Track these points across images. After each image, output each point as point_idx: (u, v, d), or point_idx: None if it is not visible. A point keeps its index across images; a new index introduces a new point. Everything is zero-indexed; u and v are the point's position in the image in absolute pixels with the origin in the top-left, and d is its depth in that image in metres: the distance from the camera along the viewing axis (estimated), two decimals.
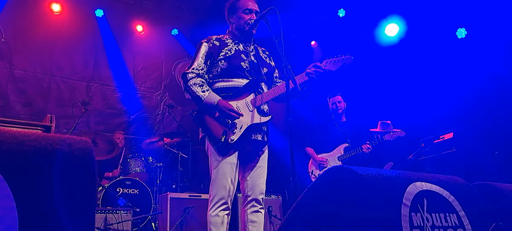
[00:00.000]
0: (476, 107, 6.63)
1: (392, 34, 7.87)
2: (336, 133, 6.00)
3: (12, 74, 7.25)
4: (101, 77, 8.13)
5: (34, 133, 1.27)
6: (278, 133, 7.73)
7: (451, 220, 2.02)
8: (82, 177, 1.27)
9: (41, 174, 1.20)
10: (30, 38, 7.47)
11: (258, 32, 3.46)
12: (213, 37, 3.36)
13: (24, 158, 1.18)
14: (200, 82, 3.15)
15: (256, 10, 3.41)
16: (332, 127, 6.08)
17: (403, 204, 1.89)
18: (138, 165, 6.67)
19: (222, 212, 3.06)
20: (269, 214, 6.08)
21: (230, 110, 3.06)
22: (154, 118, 8.60)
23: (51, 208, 1.19)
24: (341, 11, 8.30)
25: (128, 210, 5.55)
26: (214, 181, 3.12)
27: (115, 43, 8.25)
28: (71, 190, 1.24)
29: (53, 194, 1.20)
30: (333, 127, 6.07)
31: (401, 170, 2.21)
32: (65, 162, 1.24)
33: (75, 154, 1.27)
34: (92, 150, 1.33)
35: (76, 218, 1.21)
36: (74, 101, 7.19)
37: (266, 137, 3.31)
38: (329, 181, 1.93)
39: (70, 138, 1.30)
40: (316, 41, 9.39)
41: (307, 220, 1.98)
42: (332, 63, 3.41)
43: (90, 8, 7.98)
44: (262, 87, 3.33)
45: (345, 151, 5.80)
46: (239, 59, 3.27)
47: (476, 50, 6.74)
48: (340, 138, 5.94)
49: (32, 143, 1.21)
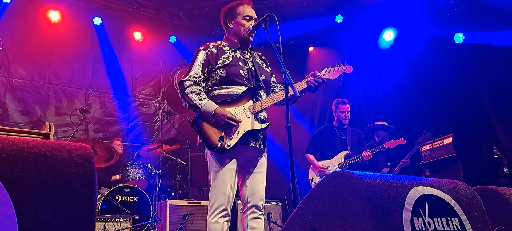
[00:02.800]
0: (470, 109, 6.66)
1: (388, 39, 7.92)
2: (337, 140, 6.02)
3: (10, 82, 7.23)
4: (100, 85, 8.11)
5: (34, 140, 1.26)
6: (277, 139, 7.73)
7: (453, 224, 2.01)
8: (82, 183, 1.26)
9: (41, 181, 1.19)
10: (28, 46, 7.45)
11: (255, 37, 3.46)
12: (211, 44, 3.34)
13: (24, 165, 1.17)
14: (197, 91, 3.13)
15: (255, 17, 3.41)
16: (332, 134, 6.09)
17: (404, 208, 1.88)
18: (137, 172, 6.64)
19: (221, 219, 3.04)
20: (268, 220, 6.06)
21: (228, 118, 3.05)
22: (153, 125, 8.58)
23: (51, 215, 1.18)
24: (339, 17, 8.33)
25: (127, 218, 5.52)
26: (213, 187, 3.10)
27: (113, 51, 8.24)
28: (71, 196, 1.23)
29: (53, 200, 1.19)
30: (334, 133, 6.08)
31: (398, 174, 2.21)
32: (65, 168, 1.23)
33: (75, 160, 1.26)
34: (92, 156, 1.32)
35: (76, 225, 1.20)
36: (72, 109, 7.19)
37: (263, 144, 3.29)
38: (331, 185, 1.92)
39: (70, 144, 1.29)
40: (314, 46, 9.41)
41: (308, 225, 1.97)
42: (331, 72, 3.45)
43: (88, 16, 7.97)
44: (261, 94, 3.32)
45: (346, 158, 5.80)
46: (237, 66, 3.25)
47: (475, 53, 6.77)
48: (341, 145, 5.95)
49: (32, 149, 1.20)
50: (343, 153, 5.87)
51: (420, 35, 7.37)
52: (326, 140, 6.10)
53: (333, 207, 1.88)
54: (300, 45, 9.32)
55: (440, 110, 7.17)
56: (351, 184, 1.83)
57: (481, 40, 6.64)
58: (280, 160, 7.81)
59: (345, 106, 6.04)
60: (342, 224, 1.81)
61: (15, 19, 7.35)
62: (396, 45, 7.90)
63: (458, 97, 6.96)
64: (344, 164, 5.78)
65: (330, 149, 6.00)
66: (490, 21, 6.50)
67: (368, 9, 7.83)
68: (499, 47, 6.35)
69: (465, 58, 6.87)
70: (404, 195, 1.92)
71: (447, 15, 7.25)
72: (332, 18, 8.36)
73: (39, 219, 1.17)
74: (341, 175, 1.90)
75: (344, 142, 5.96)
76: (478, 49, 6.68)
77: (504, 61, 6.33)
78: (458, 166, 5.88)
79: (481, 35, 6.65)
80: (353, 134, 6.05)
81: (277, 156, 7.79)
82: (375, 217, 1.74)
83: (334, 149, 5.96)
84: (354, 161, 5.74)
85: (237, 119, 3.08)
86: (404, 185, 1.96)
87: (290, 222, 2.10)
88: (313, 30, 8.64)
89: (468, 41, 6.93)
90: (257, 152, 3.26)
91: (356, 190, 1.80)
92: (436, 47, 7.18)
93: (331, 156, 5.93)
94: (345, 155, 5.84)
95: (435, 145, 6.24)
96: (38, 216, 1.17)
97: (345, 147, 5.91)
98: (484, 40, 6.59)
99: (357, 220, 1.76)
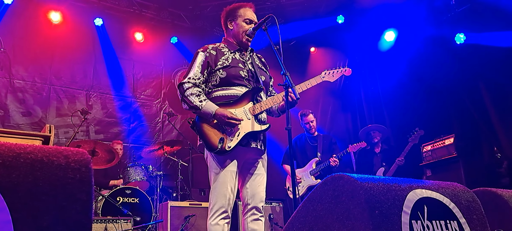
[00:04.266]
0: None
1: (390, 39, 7.93)
2: (308, 147, 6.27)
3: (11, 84, 7.24)
4: (101, 86, 8.12)
5: (31, 145, 1.26)
6: (279, 140, 7.73)
7: (452, 227, 2.01)
8: (79, 189, 1.26)
9: (38, 187, 1.19)
10: (29, 47, 7.47)
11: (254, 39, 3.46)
12: (210, 46, 3.33)
13: (20, 170, 1.17)
14: (197, 92, 3.12)
15: (256, 22, 3.40)
16: (304, 143, 6.35)
17: (403, 211, 1.87)
18: (138, 174, 6.65)
19: (222, 221, 3.04)
20: (270, 221, 6.08)
21: (229, 118, 3.04)
22: (154, 126, 8.58)
23: (48, 221, 1.18)
24: (340, 18, 8.33)
25: (128, 219, 5.53)
26: (213, 189, 3.10)
27: (114, 51, 8.25)
28: (68, 202, 1.23)
29: (50, 206, 1.19)
30: (305, 142, 6.34)
31: (397, 177, 2.20)
32: (62, 174, 1.23)
33: (72, 166, 1.26)
34: (89, 161, 1.32)
35: (73, 229, 1.20)
36: (73, 111, 7.19)
37: (264, 145, 3.29)
38: (329, 189, 1.92)
39: (67, 150, 1.29)
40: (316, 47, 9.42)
41: (307, 228, 1.97)
42: (331, 74, 3.47)
43: (89, 17, 7.99)
44: (261, 96, 3.32)
45: (317, 165, 6.02)
46: (237, 68, 3.25)
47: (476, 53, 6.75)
48: (312, 153, 6.18)
49: (29, 155, 1.20)
50: (314, 159, 6.08)
51: (421, 36, 7.37)
52: (299, 149, 6.34)
53: (332, 210, 1.88)
54: (302, 46, 9.32)
55: (442, 111, 7.16)
56: (349, 187, 1.83)
57: (482, 40, 6.63)
58: (280, 161, 7.81)
59: (308, 118, 6.28)
60: (341, 228, 1.81)
61: (16, 20, 7.36)
62: (397, 46, 7.90)
63: (459, 97, 6.95)
64: (315, 170, 6.01)
65: (302, 157, 6.25)
66: (491, 22, 6.50)
67: (369, 10, 7.83)
68: (500, 48, 6.34)
69: (466, 59, 6.85)
70: (403, 198, 1.91)
71: (448, 15, 7.23)
72: (333, 19, 8.37)
73: (36, 226, 1.16)
74: (340, 178, 1.90)
75: (314, 149, 6.17)
76: (479, 50, 6.67)
77: (505, 62, 6.32)
78: (459, 166, 5.88)
79: (482, 36, 6.65)
80: (324, 141, 6.25)
81: (279, 157, 7.79)
82: (374, 220, 1.73)
83: (306, 157, 6.21)
84: (323, 167, 5.96)
85: (238, 118, 3.08)
86: (402, 188, 1.96)
87: (289, 225, 2.09)
88: (314, 30, 8.65)
89: (469, 42, 6.92)
90: (257, 153, 3.25)
91: (355, 193, 1.80)
92: (437, 47, 7.18)
93: (304, 164, 6.16)
94: (316, 162, 6.05)
95: (436, 145, 6.24)
96: (35, 223, 1.16)
97: (315, 154, 6.11)
98: (485, 41, 6.58)
99: (355, 223, 1.76)
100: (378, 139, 6.75)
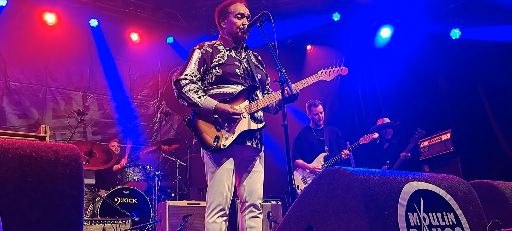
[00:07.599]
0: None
1: (385, 36, 7.93)
2: (315, 141, 6.03)
3: (7, 86, 7.21)
4: (97, 87, 8.09)
5: (19, 141, 1.24)
6: (276, 137, 7.72)
7: (448, 219, 2.00)
8: (69, 184, 1.24)
9: (27, 182, 1.17)
10: (24, 49, 7.43)
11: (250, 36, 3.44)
12: (205, 43, 3.31)
13: (8, 166, 1.15)
14: (194, 89, 3.10)
15: (248, 14, 3.38)
16: (310, 136, 6.10)
17: (399, 204, 1.87)
18: (136, 174, 6.62)
19: (219, 219, 3.02)
20: (269, 219, 6.05)
21: (230, 113, 3.03)
22: (151, 126, 8.57)
23: (38, 217, 1.16)
24: (336, 15, 8.32)
25: (126, 220, 5.50)
26: (210, 187, 3.08)
27: (110, 52, 8.22)
28: (58, 197, 1.21)
29: (39, 202, 1.17)
30: (311, 135, 6.09)
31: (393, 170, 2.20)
32: (51, 169, 1.22)
33: (61, 161, 1.24)
34: (79, 156, 1.30)
35: (64, 226, 1.18)
36: (70, 112, 7.17)
37: (260, 143, 3.27)
38: (325, 182, 1.91)
39: (57, 145, 1.27)
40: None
41: (304, 222, 1.96)
42: (327, 74, 3.47)
43: (84, 18, 7.96)
44: (257, 94, 3.30)
45: (325, 160, 5.81)
46: (233, 66, 3.23)
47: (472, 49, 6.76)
48: (319, 147, 5.96)
49: (17, 151, 1.18)
50: (322, 155, 5.88)
51: (417, 32, 7.38)
52: (305, 143, 6.10)
53: (328, 203, 1.87)
54: (298, 44, 9.32)
55: (438, 106, 7.17)
56: (345, 180, 1.82)
57: (478, 36, 6.64)
58: (280, 159, 7.80)
59: (317, 108, 6.02)
60: (337, 221, 1.80)
61: (11, 22, 7.33)
62: (393, 42, 7.90)
63: (455, 93, 6.96)
64: (324, 166, 5.79)
65: (310, 151, 6.00)
66: (486, 17, 6.51)
67: (365, 6, 7.83)
68: (495, 42, 6.35)
69: (462, 54, 6.87)
70: (399, 190, 1.90)
71: (443, 11, 7.24)
72: (329, 17, 8.37)
73: (25, 221, 1.15)
74: (335, 171, 1.89)
75: (321, 142, 5.97)
76: (474, 45, 6.69)
77: (500, 56, 6.33)
78: (456, 161, 5.90)
79: (477, 31, 6.65)
80: (331, 133, 6.06)
81: (277, 154, 7.78)
82: (370, 213, 1.73)
83: (314, 150, 5.97)
84: (334, 162, 5.74)
85: (239, 111, 3.06)
86: (398, 180, 1.95)
87: (286, 219, 2.09)
88: (310, 28, 8.65)
89: (465, 37, 6.93)
90: (254, 151, 3.24)
91: (350, 186, 1.79)
92: (433, 43, 7.19)
93: (312, 159, 5.93)
94: (324, 157, 5.85)
95: (433, 141, 6.24)
96: (24, 218, 1.15)
97: (323, 148, 5.92)
98: (481, 36, 6.59)
99: (351, 216, 1.75)
100: (390, 135, 6.68)
